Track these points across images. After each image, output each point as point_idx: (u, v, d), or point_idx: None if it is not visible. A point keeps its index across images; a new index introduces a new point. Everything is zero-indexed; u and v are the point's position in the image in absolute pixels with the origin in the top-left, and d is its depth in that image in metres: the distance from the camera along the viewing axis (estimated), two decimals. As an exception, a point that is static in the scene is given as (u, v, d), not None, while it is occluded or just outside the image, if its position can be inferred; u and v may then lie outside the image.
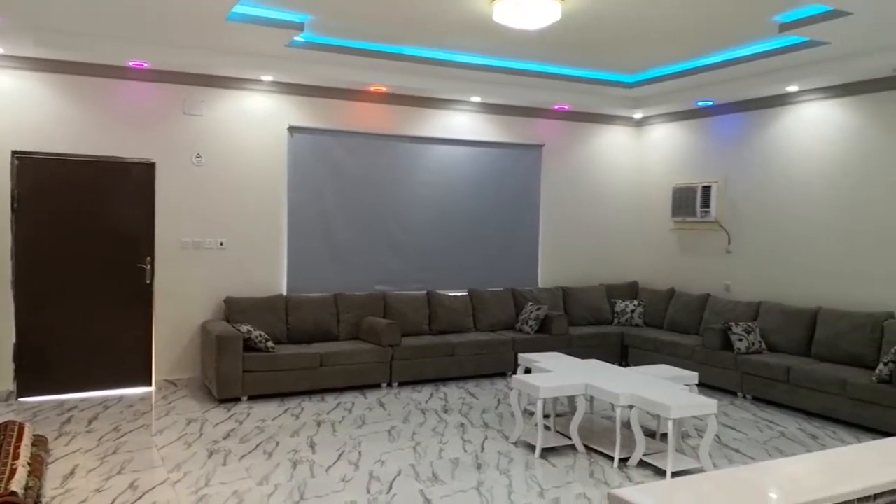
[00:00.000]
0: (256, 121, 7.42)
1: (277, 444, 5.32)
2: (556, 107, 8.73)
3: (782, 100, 7.56)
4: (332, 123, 7.76)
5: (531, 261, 9.00)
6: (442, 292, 8.16)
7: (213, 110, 7.23)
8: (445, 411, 6.34)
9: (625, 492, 1.82)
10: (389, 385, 7.21)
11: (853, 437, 5.78)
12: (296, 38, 6.28)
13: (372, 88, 7.69)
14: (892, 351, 5.78)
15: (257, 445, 5.27)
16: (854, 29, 5.37)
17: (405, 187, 8.19)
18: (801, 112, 7.44)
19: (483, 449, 5.30)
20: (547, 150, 8.99)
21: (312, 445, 5.30)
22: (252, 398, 6.57)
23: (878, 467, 2.10)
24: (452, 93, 7.93)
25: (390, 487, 4.49)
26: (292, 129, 7.57)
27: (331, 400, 6.64)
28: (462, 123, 8.47)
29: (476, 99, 8.25)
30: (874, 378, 5.86)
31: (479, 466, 4.91)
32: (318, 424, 5.85)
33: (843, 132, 7.02)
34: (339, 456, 5.08)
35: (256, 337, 6.58)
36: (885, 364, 5.77)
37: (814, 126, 7.31)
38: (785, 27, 5.56)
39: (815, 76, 6.68)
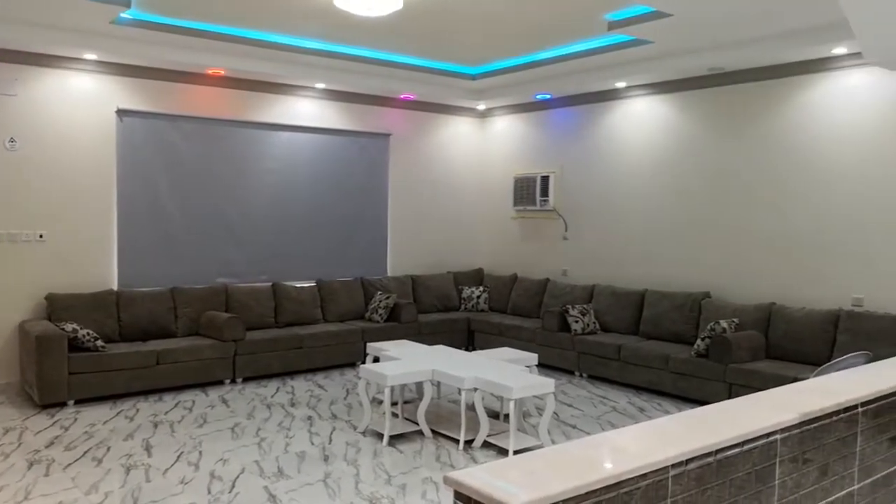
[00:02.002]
0: (80, 103, 6.86)
1: (108, 449, 4.97)
2: (403, 96, 8.76)
3: (613, 95, 8.03)
4: (166, 107, 7.33)
5: (380, 250, 9.00)
6: (288, 283, 7.97)
7: (30, 90, 6.60)
8: (293, 405, 6.21)
9: (459, 474, 1.86)
10: (233, 381, 6.95)
11: (676, 407, 6.27)
12: (122, 15, 5.86)
13: (209, 71, 7.34)
14: (709, 327, 6.33)
15: (85, 452, 4.90)
16: (674, 30, 5.78)
17: (248, 175, 7.90)
18: (630, 107, 7.94)
19: (331, 441, 5.24)
20: (394, 140, 9.01)
21: (148, 448, 5.00)
22: (80, 402, 6.10)
23: (691, 434, 2.28)
24: (296, 78, 7.74)
25: (233, 486, 4.33)
26: (122, 113, 7.07)
27: (169, 399, 6.30)
28: (307, 110, 8.29)
29: (321, 85, 8.10)
30: (693, 353, 6.39)
31: (326, 458, 4.85)
32: (155, 426, 5.53)
33: (666, 126, 7.57)
34: (178, 457, 4.83)
35: (83, 336, 6.10)
36: (702, 339, 6.31)
37: (640, 120, 7.83)
38: (614, 25, 5.89)
39: (641, 73, 7.15)
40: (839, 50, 5.90)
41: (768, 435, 2.42)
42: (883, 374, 3.18)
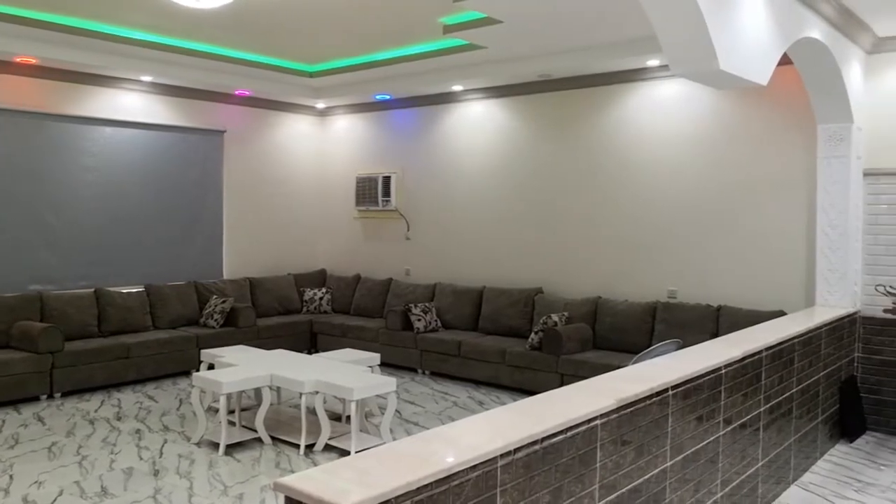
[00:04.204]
0: None
1: None
2: (238, 92, 8.46)
3: (450, 97, 8.22)
4: (-35, 97, 6.61)
5: (215, 251, 8.62)
6: (114, 289, 7.43)
7: None
8: (119, 419, 5.81)
9: (290, 479, 1.82)
10: (50, 396, 6.39)
11: (513, 399, 6.47)
12: None
13: (18, 59, 6.69)
14: (541, 321, 6.64)
15: None
16: (505, 36, 6.01)
17: (65, 173, 7.29)
18: (467, 109, 8.16)
19: (162, 454, 4.96)
20: (229, 137, 8.67)
21: (-54, 477, 4.48)
22: None
23: (519, 424, 2.38)
24: (119, 70, 7.24)
25: (49, 511, 3.99)
26: None
27: (-27, 420, 5.69)
28: (132, 104, 7.79)
29: (147, 78, 7.64)
30: (527, 346, 6.68)
31: (156, 473, 4.58)
32: (-45, 451, 4.97)
33: (501, 129, 7.85)
34: (-17, 484, 4.37)
35: None
36: (536, 333, 6.61)
37: (477, 123, 8.07)
38: (448, 29, 6.02)
39: (476, 77, 7.37)
40: (652, 62, 6.40)
41: (589, 421, 2.57)
42: (691, 359, 3.49)
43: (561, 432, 2.43)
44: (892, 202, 5.52)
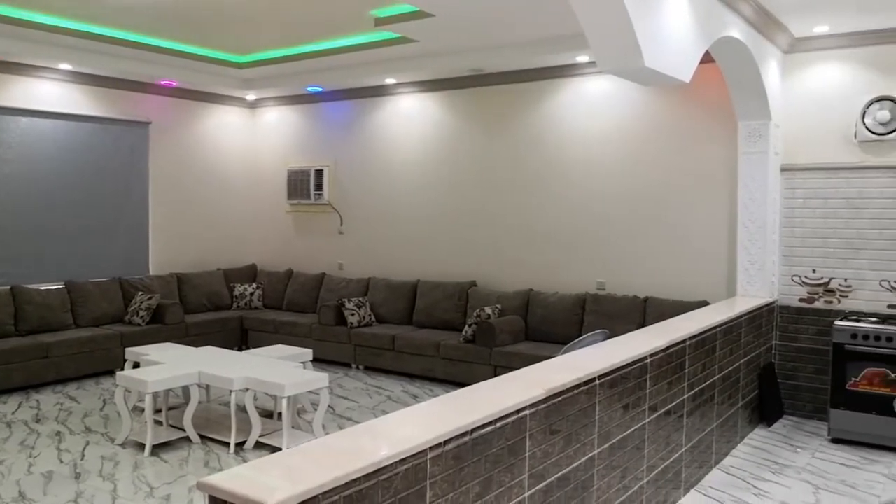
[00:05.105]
0: None
1: None
2: (163, 82, 8.20)
3: (383, 90, 8.17)
4: None
5: (141, 247, 8.35)
6: (31, 286, 7.11)
7: None
8: (38, 421, 5.58)
9: (214, 478, 1.78)
10: (-37, 399, 6.09)
11: (446, 392, 6.54)
12: None
13: (-77, 44, 6.33)
14: (475, 314, 6.69)
15: None
16: (436, 30, 6.00)
17: (-24, 165, 6.94)
18: (400, 103, 8.13)
19: (84, 456, 4.79)
20: (155, 128, 8.40)
21: None
22: None
23: (449, 416, 2.39)
24: (34, 58, 6.93)
25: (-40, 520, 3.80)
26: None
27: None
28: (50, 94, 7.45)
29: (66, 67, 7.33)
30: (461, 339, 6.72)
31: (78, 476, 4.42)
32: None
33: (434, 123, 7.85)
34: None
35: None
36: (470, 326, 6.66)
37: (411, 117, 8.04)
38: (380, 22, 5.98)
39: (408, 71, 7.34)
40: (582, 58, 6.51)
41: (519, 411, 2.61)
42: (617, 349, 3.57)
43: (490, 423, 2.45)
44: (807, 196, 5.77)
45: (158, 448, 4.91)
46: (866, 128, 5.43)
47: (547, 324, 6.69)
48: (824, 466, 4.70)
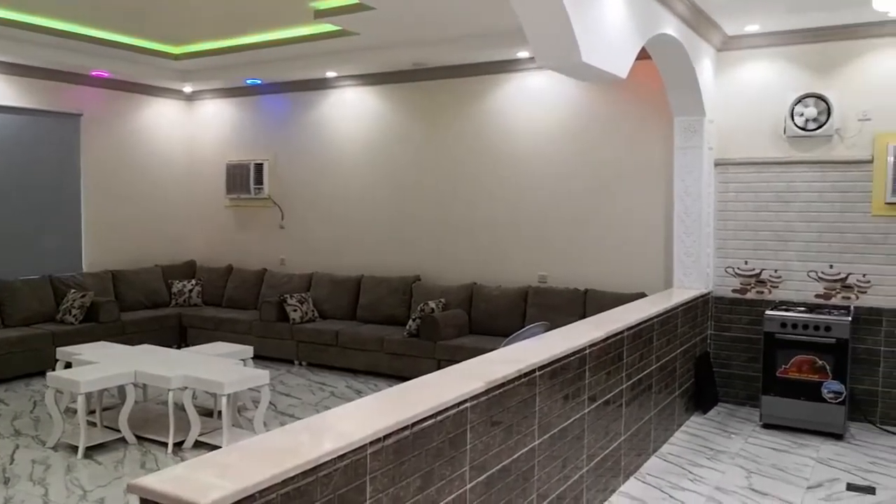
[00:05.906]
0: None
1: None
2: (95, 73, 7.93)
3: (324, 83, 8.07)
4: None
5: (73, 243, 8.07)
6: (-45, 285, 6.82)
7: None
8: (-37, 425, 5.35)
9: (145, 479, 1.73)
10: None
11: (390, 387, 6.53)
12: None
13: None
14: (419, 308, 6.69)
15: None
16: (377, 23, 5.96)
17: None
18: (341, 96, 8.05)
19: (13, 460, 4.61)
20: (86, 121, 8.12)
21: None
22: None
23: (390, 411, 2.38)
24: (-44, 46, 6.61)
25: None
26: None
27: None
28: (-27, 84, 7.14)
29: (-10, 56, 7.03)
30: (406, 333, 6.71)
31: (6, 481, 4.26)
32: None
33: (377, 117, 7.81)
34: None
35: None
36: (414, 320, 6.65)
37: (352, 110, 7.97)
38: (319, 14, 5.90)
39: (349, 64, 7.27)
40: (522, 53, 6.56)
41: (459, 404, 2.62)
42: (557, 340, 3.62)
43: (431, 416, 2.46)
44: (739, 190, 5.95)
45: (92, 450, 4.77)
46: (794, 124, 5.62)
47: (490, 317, 6.73)
48: (756, 451, 4.87)
